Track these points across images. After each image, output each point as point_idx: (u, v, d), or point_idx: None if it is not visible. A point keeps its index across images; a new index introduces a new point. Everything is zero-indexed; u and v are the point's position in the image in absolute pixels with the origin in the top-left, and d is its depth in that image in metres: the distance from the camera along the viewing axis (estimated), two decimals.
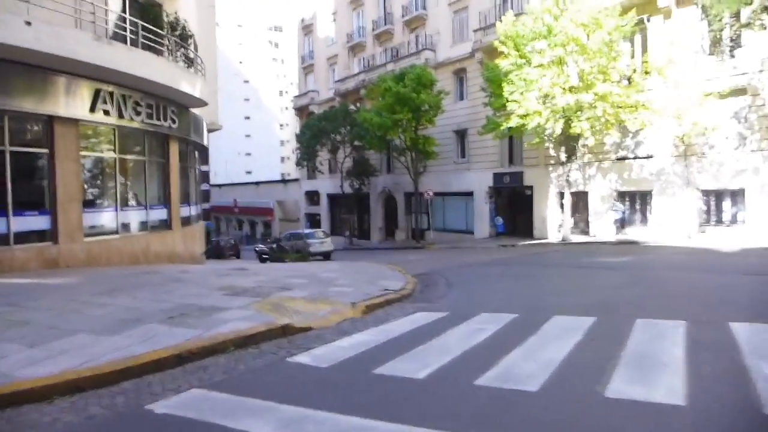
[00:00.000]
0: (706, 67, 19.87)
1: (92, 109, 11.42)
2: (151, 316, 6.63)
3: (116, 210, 12.50)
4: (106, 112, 11.77)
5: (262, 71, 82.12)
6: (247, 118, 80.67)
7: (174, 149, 14.91)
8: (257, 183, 60.47)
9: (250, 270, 12.81)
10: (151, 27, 12.12)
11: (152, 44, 12.31)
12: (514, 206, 30.63)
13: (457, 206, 32.46)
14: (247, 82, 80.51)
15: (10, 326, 6.04)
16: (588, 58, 19.30)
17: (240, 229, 62.38)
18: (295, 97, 48.94)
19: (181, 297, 7.99)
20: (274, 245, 23.82)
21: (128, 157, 13.10)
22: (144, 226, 13.61)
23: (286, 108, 76.33)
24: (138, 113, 12.66)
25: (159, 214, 14.45)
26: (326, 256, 24.82)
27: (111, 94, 11.82)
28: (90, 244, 11.62)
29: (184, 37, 13.84)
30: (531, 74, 20.42)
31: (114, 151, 12.46)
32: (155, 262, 13.58)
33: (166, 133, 14.10)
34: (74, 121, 11.21)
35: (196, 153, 18.61)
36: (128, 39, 11.71)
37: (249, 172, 76.86)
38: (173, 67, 12.86)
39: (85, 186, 11.94)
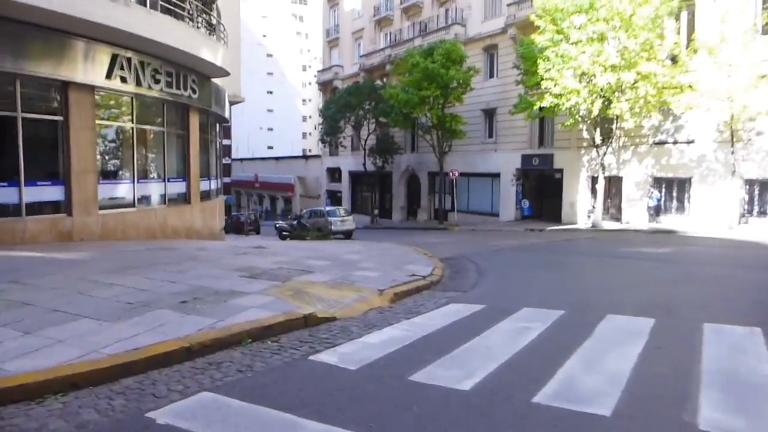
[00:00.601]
0: (759, 47, 18.47)
1: (109, 76, 10.84)
2: (162, 300, 6.07)
3: (133, 182, 11.99)
4: (123, 79, 11.18)
5: (285, 45, 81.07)
6: (270, 92, 79.97)
7: (194, 120, 14.32)
8: (278, 158, 60.07)
9: (269, 249, 12.25)
10: None
11: (173, 8, 11.63)
12: (542, 189, 29.61)
13: (482, 187, 31.55)
14: (270, 55, 79.60)
15: (9, 307, 5.53)
16: (632, 34, 18.08)
17: (260, 204, 62.26)
18: (319, 71, 48.01)
19: (196, 278, 7.43)
20: (295, 222, 23.28)
21: (146, 127, 12.55)
22: (162, 199, 13.12)
23: (309, 83, 75.53)
24: (157, 81, 12.06)
25: (177, 187, 13.94)
26: (348, 235, 24.23)
27: (129, 60, 11.22)
28: (105, 217, 11.16)
29: (207, 2, 13.13)
30: (569, 51, 19.28)
31: (132, 120, 11.91)
32: (173, 237, 13.13)
33: (186, 103, 13.50)
34: (90, 88, 10.65)
35: (217, 125, 18.02)
36: (147, 1, 11.05)
37: (270, 147, 76.49)
38: (194, 34, 12.19)
39: (101, 156, 11.43)
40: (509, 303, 7.07)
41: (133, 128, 11.94)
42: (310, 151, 69.09)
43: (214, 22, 13.64)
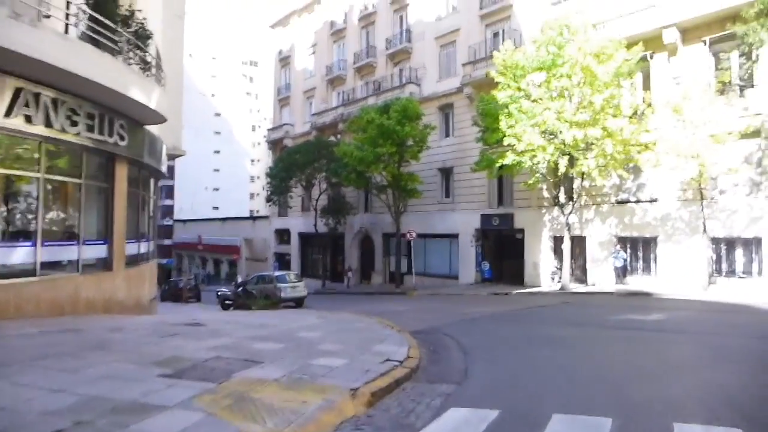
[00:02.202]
0: (714, 107, 18.33)
1: (8, 113, 8.76)
2: (21, 430, 3.93)
3: (35, 245, 9.66)
4: (28, 119, 9.11)
5: (234, 105, 79.84)
6: (217, 152, 77.72)
7: (121, 172, 12.23)
8: (224, 219, 57.30)
9: (206, 326, 10.04)
10: (94, 14, 9.63)
11: (98, 37, 9.81)
12: (503, 250, 28.53)
13: (440, 249, 30.20)
14: (218, 115, 77.97)
15: None
16: (598, 89, 17.61)
17: (204, 268, 58.68)
18: (269, 129, 46.62)
19: (93, 381, 5.29)
20: (239, 289, 20.92)
21: (57, 177, 10.35)
22: (74, 266, 10.75)
23: (259, 143, 74.13)
24: (74, 124, 10.04)
25: (96, 251, 11.62)
26: (299, 302, 21.98)
27: (36, 96, 9.20)
28: None
29: (141, 36, 11.38)
30: (533, 107, 18.61)
31: (37, 169, 9.75)
32: (86, 313, 10.70)
33: (111, 151, 11.45)
34: None
35: (152, 180, 15.89)
36: (65, 26, 9.24)
37: (216, 208, 73.50)
38: (123, 69, 10.36)
39: None
40: (528, 404, 5.30)
41: (39, 179, 9.75)
42: (258, 212, 66.65)
43: (149, 59, 11.86)
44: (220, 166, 77.58)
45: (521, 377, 6.78)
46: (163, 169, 16.28)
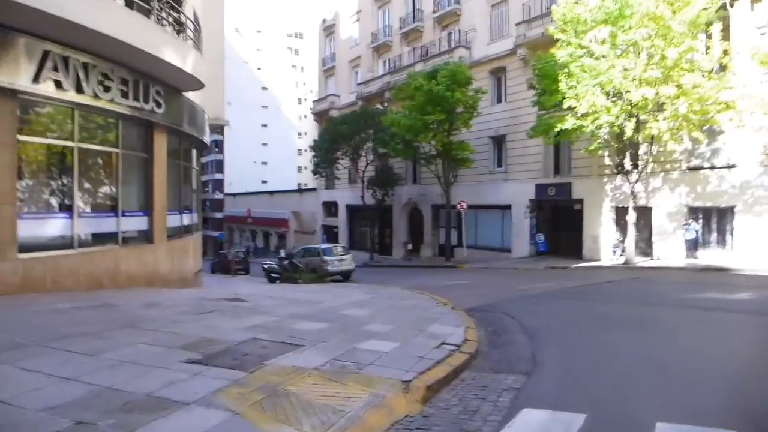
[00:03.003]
0: None
1: (37, 78, 8.27)
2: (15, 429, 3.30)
3: (71, 217, 9.29)
4: (59, 84, 8.61)
5: (280, 78, 79.49)
6: (264, 125, 77.89)
7: (160, 141, 11.73)
8: (272, 192, 57.48)
9: (248, 302, 9.48)
10: None
11: None
12: (559, 222, 27.04)
13: (491, 221, 28.91)
14: (265, 89, 77.86)
15: None
16: (672, 42, 15.78)
17: (254, 241, 59.41)
18: (315, 101, 45.90)
19: (113, 367, 4.67)
20: (286, 262, 20.55)
21: (93, 146, 9.90)
22: (113, 238, 10.38)
23: (305, 116, 73.64)
24: (107, 89, 9.50)
25: (136, 223, 11.23)
26: (346, 275, 21.41)
27: (65, 59, 8.67)
28: (28, 263, 8.42)
29: None
30: (598, 65, 16.95)
31: (72, 137, 9.29)
32: (127, 286, 10.34)
33: (148, 119, 10.93)
34: (9, 93, 8.06)
35: (195, 151, 15.44)
36: None
37: (265, 182, 73.95)
38: (154, 29, 9.69)
39: (25, 182, 8.75)
40: (619, 407, 4.33)
41: (74, 148, 9.31)
42: (305, 185, 66.59)
43: (183, 20, 11.17)
44: (268, 140, 77.84)
45: (602, 368, 5.76)
46: (206, 139, 15.79)
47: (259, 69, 77.49)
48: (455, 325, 8.00)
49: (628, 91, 16.78)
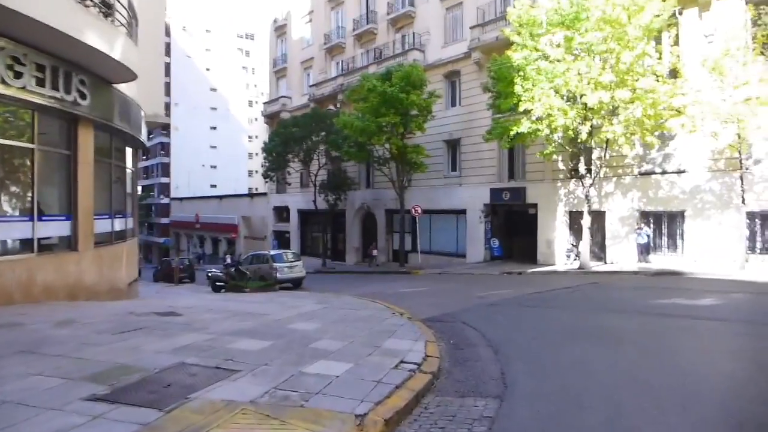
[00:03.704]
0: (756, 66, 16.46)
1: None
2: None
3: None
4: None
5: (230, 80, 77.18)
6: (214, 128, 75.37)
7: (86, 138, 10.50)
8: (221, 197, 55.52)
9: (183, 315, 8.46)
10: None
11: None
12: (513, 227, 26.94)
13: (446, 225, 28.52)
14: (214, 90, 75.40)
15: None
16: (628, 46, 15.72)
17: (201, 247, 57.16)
18: (265, 103, 44.56)
19: None
20: (233, 269, 19.40)
21: (1, 141, 8.67)
22: (27, 245, 9.15)
23: (256, 119, 71.85)
24: (17, 75, 8.31)
25: (57, 228, 9.97)
26: (297, 283, 20.42)
27: None
28: None
29: None
30: (555, 68, 16.75)
31: None
32: (43, 300, 9.11)
33: (71, 112, 9.72)
34: None
35: (130, 150, 14.15)
36: None
37: (214, 186, 71.52)
38: (74, 7, 8.55)
39: None
40: None
41: None
42: (256, 189, 64.67)
43: (112, 1, 10.04)
44: (217, 142, 75.40)
45: (581, 391, 5.14)
46: (143, 138, 14.54)
47: (208, 70, 75.10)
48: (413, 339, 7.28)
49: (583, 95, 16.65)
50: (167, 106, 71.59)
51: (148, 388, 4.31)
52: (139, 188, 79.37)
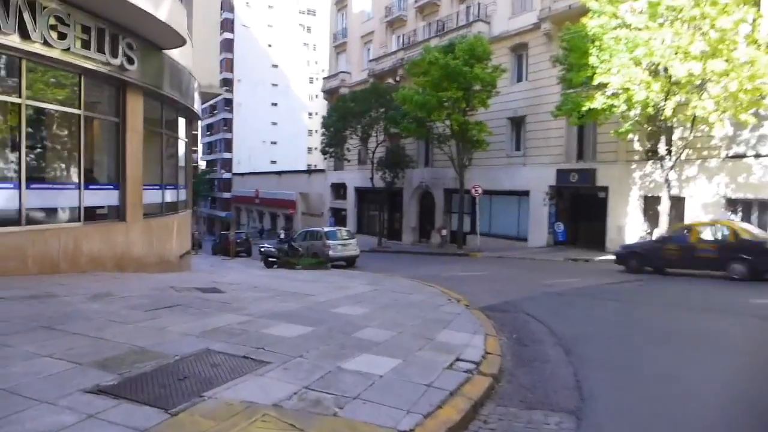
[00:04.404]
0: None
1: None
2: None
3: (18, 188, 7.84)
4: None
5: (292, 56, 77.38)
6: (275, 104, 76.07)
7: (135, 105, 10.20)
8: (280, 173, 56.01)
9: (225, 293, 7.99)
10: None
11: None
12: (579, 211, 25.28)
13: (507, 207, 27.22)
14: (276, 66, 75.88)
15: None
16: (725, 10, 13.87)
17: (261, 222, 58.14)
18: (325, 78, 44.12)
19: None
20: (286, 245, 19.08)
21: (45, 105, 8.39)
22: (74, 214, 8.93)
23: (316, 96, 71.74)
24: (61, 36, 7.98)
25: (103, 197, 9.75)
26: (350, 261, 19.92)
27: None
28: None
29: None
30: (637, 36, 15.10)
31: (17, 93, 7.80)
32: (90, 270, 8.91)
33: (119, 77, 9.40)
34: None
35: (183, 120, 13.89)
36: None
37: (274, 162, 72.38)
38: None
39: None
40: None
41: (20, 105, 7.82)
42: (315, 166, 64.88)
43: None
44: (278, 119, 76.13)
45: (681, 414, 4.16)
46: (196, 108, 14.24)
47: (270, 46, 75.60)
48: (471, 331, 6.45)
49: (670, 66, 14.93)
50: (230, 82, 73.03)
51: (160, 380, 3.72)
52: (203, 163, 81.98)
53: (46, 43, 7.77)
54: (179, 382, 3.71)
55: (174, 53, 11.57)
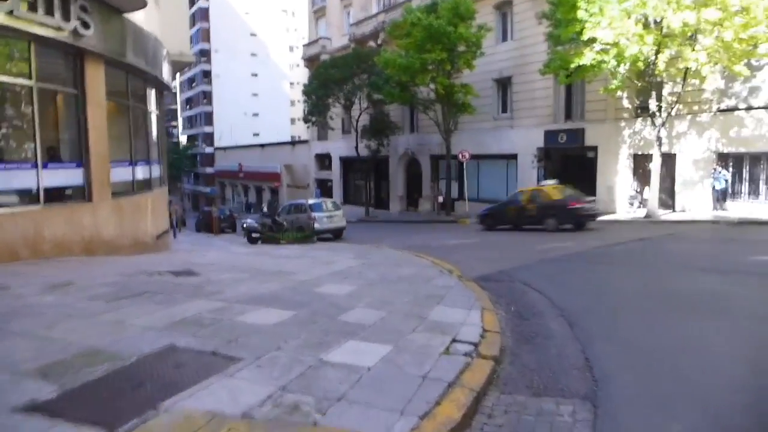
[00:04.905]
0: None
1: None
2: None
3: None
4: None
5: (270, 24, 75.01)
6: (254, 75, 74.08)
7: (95, 74, 9.38)
8: (263, 145, 54.81)
9: (199, 275, 7.42)
10: None
11: None
12: (569, 172, 24.64)
13: (495, 171, 26.73)
14: (254, 35, 73.55)
15: None
16: None
17: (245, 196, 57.18)
18: (305, 45, 42.71)
19: None
20: (269, 220, 18.48)
21: None
22: (32, 196, 8.25)
23: (297, 65, 69.95)
24: None
25: (65, 176, 9.02)
26: (337, 234, 19.39)
27: None
28: None
29: None
30: None
31: None
32: (54, 256, 8.27)
33: (74, 44, 8.58)
34: None
35: (153, 91, 13.03)
36: None
37: (257, 135, 70.90)
38: None
39: None
40: None
41: None
42: (299, 137, 63.63)
43: None
44: (259, 90, 74.29)
45: (709, 390, 3.73)
46: (166, 77, 13.37)
47: (247, 14, 73.20)
48: (466, 306, 5.98)
49: (663, 17, 14.29)
50: (207, 53, 70.84)
51: (110, 389, 3.18)
52: (184, 138, 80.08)
53: None
54: (133, 391, 3.17)
55: (138, 18, 10.69)
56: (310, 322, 4.95)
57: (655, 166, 17.71)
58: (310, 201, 20.65)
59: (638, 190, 20.95)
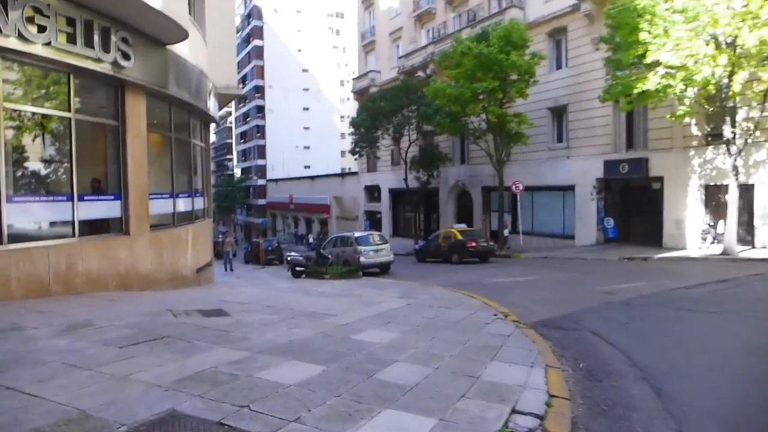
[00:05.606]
0: None
1: None
2: None
3: None
4: None
5: (322, 60, 76.80)
6: (306, 109, 75.63)
7: (136, 106, 9.22)
8: (313, 177, 55.28)
9: (228, 316, 6.83)
10: None
11: None
12: (630, 204, 23.36)
13: (551, 204, 25.46)
14: (306, 71, 75.43)
15: None
16: None
17: (296, 227, 57.58)
18: (354, 79, 43.10)
19: None
20: (314, 253, 17.95)
21: (27, 108, 7.44)
22: (66, 229, 7.98)
23: (347, 98, 70.87)
24: (41, 29, 7.03)
25: (102, 209, 8.78)
26: (384, 268, 18.64)
27: None
28: None
29: None
30: (697, 4, 13.34)
31: None
32: (88, 291, 7.94)
33: (114, 75, 8.43)
34: None
35: (198, 124, 12.91)
36: None
37: (307, 167, 71.86)
38: None
39: None
40: None
41: None
42: (349, 170, 64.09)
43: None
44: (310, 123, 75.68)
45: None
46: (211, 110, 13.24)
47: (299, 51, 75.26)
48: (527, 362, 5.09)
49: (736, 36, 13.10)
50: (261, 89, 73.03)
51: None
52: (239, 171, 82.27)
53: (21, 36, 6.80)
54: None
55: (182, 50, 10.58)
56: (342, 381, 4.21)
57: (732, 198, 16.15)
58: (356, 234, 20.09)
59: (712, 224, 19.23)
